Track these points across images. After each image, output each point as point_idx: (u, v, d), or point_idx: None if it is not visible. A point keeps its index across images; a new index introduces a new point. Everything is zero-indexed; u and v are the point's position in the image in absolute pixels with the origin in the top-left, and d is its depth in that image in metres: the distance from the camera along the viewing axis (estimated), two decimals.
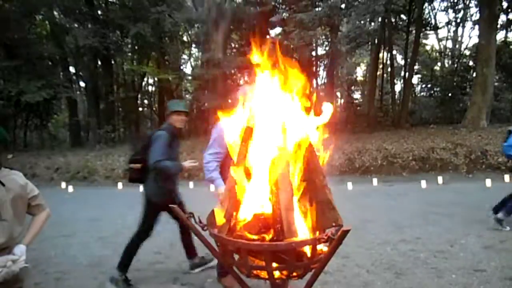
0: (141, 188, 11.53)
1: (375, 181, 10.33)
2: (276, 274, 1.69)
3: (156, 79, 23.60)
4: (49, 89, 17.65)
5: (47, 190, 9.63)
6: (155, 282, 3.73)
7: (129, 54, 24.43)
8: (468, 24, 22.05)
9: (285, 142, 1.76)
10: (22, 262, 1.96)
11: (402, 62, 22.47)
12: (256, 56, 1.93)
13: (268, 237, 1.64)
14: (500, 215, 5.19)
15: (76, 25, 20.58)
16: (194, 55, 28.54)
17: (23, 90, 17.04)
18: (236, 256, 1.79)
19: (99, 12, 21.40)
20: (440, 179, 10.01)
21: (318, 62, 21.61)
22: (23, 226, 2.09)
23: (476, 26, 18.32)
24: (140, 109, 27.68)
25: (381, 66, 21.36)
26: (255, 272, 1.73)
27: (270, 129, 1.82)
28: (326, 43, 21.16)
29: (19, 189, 2.04)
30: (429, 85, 22.48)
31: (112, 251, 4.85)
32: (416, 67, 20.50)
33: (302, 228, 1.71)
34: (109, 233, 5.83)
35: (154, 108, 27.93)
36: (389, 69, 20.53)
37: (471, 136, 12.49)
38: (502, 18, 17.61)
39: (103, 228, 6.16)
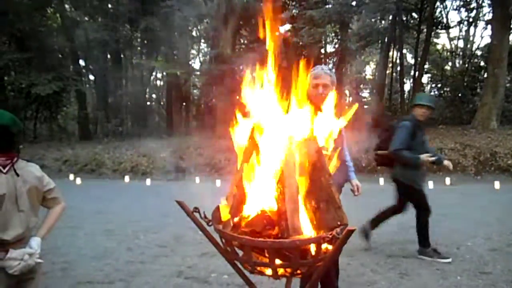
0: (148, 182, 11.49)
1: (381, 180, 10.27)
2: (280, 271, 1.69)
3: (164, 73, 23.70)
4: (59, 81, 17.83)
5: (55, 182, 9.74)
6: (159, 275, 3.76)
7: (138, 48, 24.55)
8: (481, 24, 21.71)
9: (293, 140, 1.76)
10: (37, 255, 2.00)
11: (412, 61, 22.28)
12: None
13: (272, 234, 1.64)
14: None
15: (86, 19, 20.75)
16: (202, 51, 28.61)
17: (34, 82, 17.25)
18: (240, 252, 1.80)
19: (110, 5, 21.52)
20: (448, 180, 9.93)
21: (327, 60, 21.49)
22: (38, 217, 2.13)
23: (489, 26, 18.09)
24: (148, 103, 27.84)
25: (390, 65, 21.19)
26: (258, 268, 1.73)
27: (278, 126, 1.81)
28: (335, 40, 21.03)
29: (35, 180, 2.07)
30: (439, 85, 22.23)
31: (118, 243, 4.91)
32: (426, 66, 20.28)
33: (307, 226, 1.70)
34: (116, 225, 5.90)
35: (162, 103, 28.09)
36: (398, 68, 20.35)
37: (481, 137, 12.35)
38: None
39: (109, 221, 6.23)
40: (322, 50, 20.23)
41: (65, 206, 2.26)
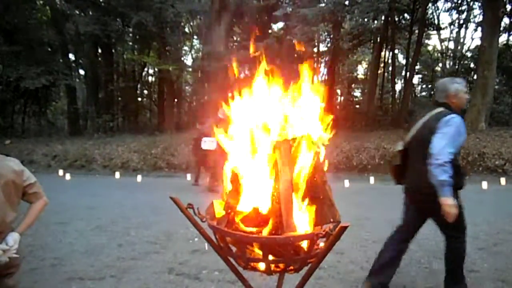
0: (138, 178, 11.35)
1: (372, 179, 10.36)
2: (273, 267, 1.71)
3: (156, 69, 23.48)
4: (49, 75, 17.51)
5: (44, 177, 9.60)
6: (150, 272, 3.75)
7: (130, 43, 24.26)
8: (471, 26, 21.99)
9: (287, 137, 1.77)
10: (14, 251, 1.95)
11: (403, 62, 22.46)
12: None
13: (266, 230, 1.65)
14: None
15: (77, 12, 20.40)
16: (195, 47, 28.39)
17: (22, 76, 16.91)
18: (233, 248, 1.81)
19: None
20: None
21: (320, 59, 21.57)
22: (17, 213, 2.09)
23: (479, 28, 18.33)
24: (139, 99, 27.57)
25: (382, 65, 21.33)
26: (252, 264, 1.75)
27: (273, 123, 1.82)
28: (328, 39, 21.10)
29: (12, 175, 2.03)
30: (429, 86, 22.51)
31: (109, 240, 4.88)
32: (417, 67, 20.49)
33: (301, 223, 1.72)
34: (106, 221, 5.85)
35: (153, 99, 27.82)
36: (390, 68, 20.51)
37: (469, 138, 12.51)
38: (505, 21, 17.57)
39: (100, 217, 6.17)
40: (315, 49, 20.28)
41: (46, 201, 2.23)
